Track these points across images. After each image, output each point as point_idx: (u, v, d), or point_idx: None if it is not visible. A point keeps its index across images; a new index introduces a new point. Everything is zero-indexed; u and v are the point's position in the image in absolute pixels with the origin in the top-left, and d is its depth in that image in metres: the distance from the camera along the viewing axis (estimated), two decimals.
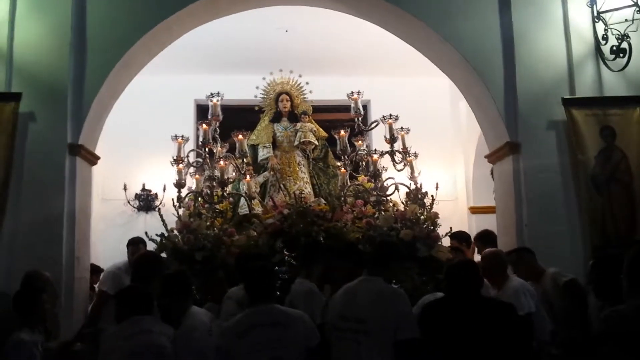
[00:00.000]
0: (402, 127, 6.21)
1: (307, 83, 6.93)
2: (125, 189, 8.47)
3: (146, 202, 8.65)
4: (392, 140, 6.04)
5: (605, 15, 5.39)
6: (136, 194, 8.67)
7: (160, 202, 8.45)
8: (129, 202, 8.58)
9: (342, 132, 6.19)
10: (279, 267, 5.22)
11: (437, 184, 7.00)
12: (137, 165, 8.60)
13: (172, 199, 5.92)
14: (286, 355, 3.35)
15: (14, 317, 4.16)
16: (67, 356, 4.49)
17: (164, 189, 8.27)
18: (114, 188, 8.36)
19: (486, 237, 5.92)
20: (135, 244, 5.64)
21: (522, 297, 4.28)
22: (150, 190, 8.66)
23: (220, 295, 4.31)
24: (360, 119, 6.31)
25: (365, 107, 7.57)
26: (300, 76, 6.89)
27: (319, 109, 7.40)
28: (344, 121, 7.02)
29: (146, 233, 5.67)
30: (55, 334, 4.55)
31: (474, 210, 8.58)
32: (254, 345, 3.33)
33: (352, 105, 6.25)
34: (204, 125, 6.00)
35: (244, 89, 7.26)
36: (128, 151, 8.33)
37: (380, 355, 3.28)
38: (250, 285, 3.58)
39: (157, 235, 5.58)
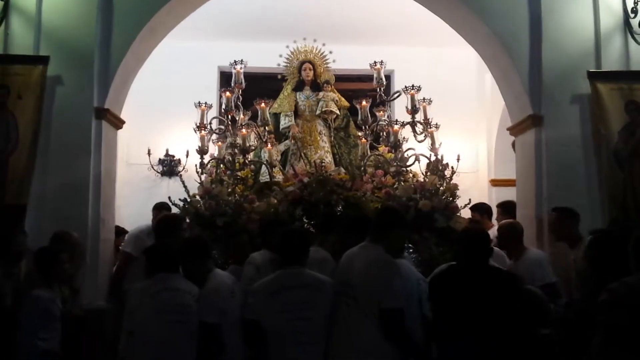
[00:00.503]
0: (424, 98, 6.17)
1: (330, 52, 6.90)
2: (149, 153, 8.57)
3: (169, 167, 8.75)
4: (413, 111, 6.02)
5: None
6: (160, 159, 8.76)
7: (183, 168, 8.57)
8: (152, 167, 8.68)
9: (364, 102, 6.18)
10: None
11: (458, 156, 6.99)
12: (161, 130, 8.67)
13: (195, 165, 6.00)
14: (314, 316, 3.48)
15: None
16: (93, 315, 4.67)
17: (187, 155, 8.40)
18: (138, 152, 8.43)
19: (507, 207, 6.02)
20: (159, 209, 5.77)
21: (541, 267, 4.32)
22: (173, 156, 8.75)
23: (243, 259, 4.39)
24: (382, 89, 6.29)
25: (388, 77, 7.55)
26: (323, 45, 6.87)
27: (341, 78, 7.40)
28: (367, 91, 7.00)
29: (169, 198, 5.77)
30: (78, 293, 4.69)
31: (495, 182, 8.55)
32: (284, 305, 3.46)
33: (375, 75, 6.22)
34: (227, 93, 6.04)
35: (267, 56, 7.27)
36: (152, 116, 8.38)
37: (368, 322, 3.33)
38: (283, 249, 3.68)
39: (180, 200, 5.68)
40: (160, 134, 8.69)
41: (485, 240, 3.53)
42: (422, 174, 6.09)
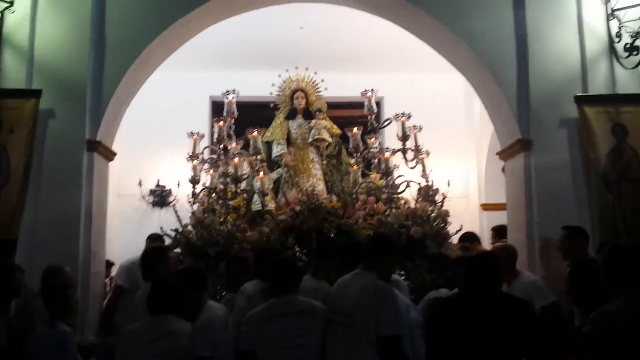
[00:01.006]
0: (414, 125, 6.25)
1: (322, 80, 6.97)
2: (140, 184, 8.57)
3: (161, 197, 8.75)
4: (404, 138, 6.10)
5: (619, 13, 5.38)
6: (151, 190, 8.77)
7: (175, 198, 8.57)
8: (143, 198, 8.68)
9: (355, 129, 6.25)
10: None
11: (448, 181, 7.06)
12: (152, 160, 8.70)
13: (187, 195, 6.01)
14: (310, 343, 3.45)
15: (32, 310, 4.28)
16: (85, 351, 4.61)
17: (178, 185, 8.40)
18: (129, 183, 8.43)
19: (500, 231, 6.07)
20: (152, 239, 5.74)
21: (538, 288, 4.34)
22: (164, 186, 8.77)
23: (239, 287, 4.33)
24: (373, 116, 6.36)
25: (378, 103, 7.62)
26: (315, 73, 6.94)
27: (333, 105, 7.46)
28: (358, 117, 7.07)
29: (161, 228, 5.76)
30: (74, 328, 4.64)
31: (486, 207, 8.60)
32: (278, 332, 3.43)
33: (366, 103, 6.30)
34: (220, 122, 6.08)
35: (259, 85, 7.35)
36: (143, 147, 8.40)
37: (364, 349, 3.30)
38: (274, 278, 3.67)
39: (171, 230, 5.67)
40: (151, 165, 8.72)
41: (496, 263, 3.33)
42: (414, 200, 6.12)
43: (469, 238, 6.10)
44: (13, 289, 4.32)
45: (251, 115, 7.10)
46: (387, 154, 6.03)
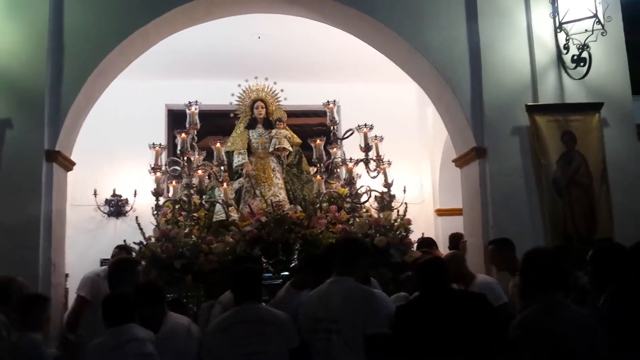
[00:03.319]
0: (375, 135, 6.37)
1: (282, 90, 7.03)
2: (95, 194, 8.46)
3: (117, 207, 8.66)
4: (367, 148, 6.21)
5: (567, 26, 5.64)
6: (106, 199, 8.67)
7: (131, 208, 8.49)
8: (99, 208, 8.57)
9: (318, 140, 6.34)
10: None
11: (404, 187, 7.25)
12: (108, 170, 8.61)
13: (151, 208, 5.96)
14: (270, 350, 3.44)
15: None
16: None
17: (135, 194, 8.33)
18: (84, 193, 8.32)
19: (452, 240, 6.29)
20: (120, 249, 5.62)
21: (492, 290, 4.47)
22: (120, 196, 8.67)
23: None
24: (335, 126, 6.49)
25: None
26: (275, 83, 7.00)
27: (292, 113, 7.52)
28: (315, 125, 7.15)
29: (124, 241, 5.68)
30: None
31: (440, 212, 8.83)
32: (237, 339, 3.42)
33: (328, 114, 6.42)
34: (182, 135, 6.08)
35: (217, 94, 7.38)
36: (98, 156, 8.25)
37: (351, 352, 3.33)
38: (236, 286, 3.67)
39: (134, 243, 5.62)
40: (106, 174, 8.61)
41: (444, 265, 3.56)
42: (374, 209, 6.24)
43: (427, 244, 6.26)
44: None
45: (209, 123, 7.09)
46: (350, 165, 6.13)
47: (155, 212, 5.87)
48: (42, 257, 5.12)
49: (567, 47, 5.68)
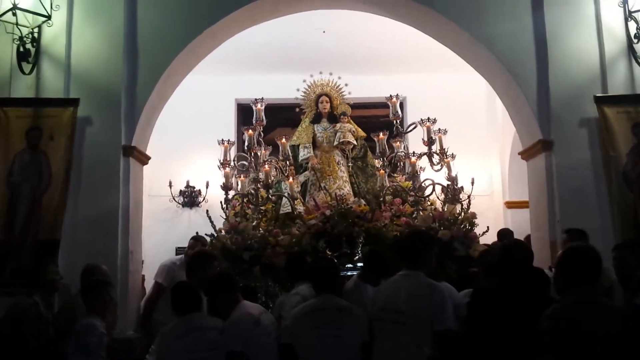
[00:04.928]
0: (439, 129, 6.34)
1: (346, 85, 7.11)
2: (170, 185, 8.84)
3: (190, 198, 9.01)
4: (429, 142, 6.19)
5: (637, 15, 5.47)
6: (180, 191, 9.03)
7: (204, 199, 8.82)
8: (173, 199, 8.94)
9: (381, 135, 6.39)
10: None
11: (472, 179, 7.17)
12: (181, 162, 8.96)
13: (220, 202, 6.18)
14: (343, 335, 3.65)
15: (73, 307, 4.53)
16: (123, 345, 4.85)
17: (207, 186, 8.64)
18: (160, 185, 8.69)
19: (500, 237, 6.28)
20: (195, 240, 5.92)
21: None
22: (194, 187, 9.02)
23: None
24: (398, 120, 6.51)
25: (401, 104, 7.74)
26: (339, 78, 7.08)
27: (356, 106, 7.58)
28: (381, 117, 7.17)
29: (197, 233, 5.94)
30: (113, 325, 4.88)
31: (510, 205, 8.70)
32: (316, 322, 3.67)
33: (391, 108, 6.42)
34: (249, 131, 6.28)
35: (283, 88, 7.51)
36: (172, 148, 8.62)
37: (416, 344, 3.41)
38: (317, 279, 3.92)
39: (206, 234, 5.88)
40: (180, 166, 8.96)
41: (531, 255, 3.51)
42: (440, 200, 6.23)
43: (506, 235, 6.21)
44: (50, 282, 4.61)
45: (275, 116, 7.27)
46: (413, 158, 6.14)
47: (224, 205, 6.08)
48: (121, 246, 5.44)
49: (637, 36, 5.51)
